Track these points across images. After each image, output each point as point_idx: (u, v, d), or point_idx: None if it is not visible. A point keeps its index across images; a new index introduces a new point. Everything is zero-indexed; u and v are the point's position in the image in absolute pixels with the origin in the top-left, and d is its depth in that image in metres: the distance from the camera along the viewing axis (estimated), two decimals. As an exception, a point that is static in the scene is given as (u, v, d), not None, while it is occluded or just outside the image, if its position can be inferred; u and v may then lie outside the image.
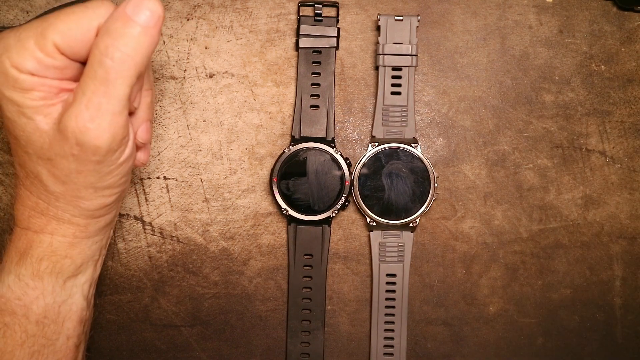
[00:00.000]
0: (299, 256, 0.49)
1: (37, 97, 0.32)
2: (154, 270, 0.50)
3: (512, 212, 0.50)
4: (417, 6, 0.50)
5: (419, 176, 0.48)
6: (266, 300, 0.50)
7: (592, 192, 0.50)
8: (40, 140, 0.32)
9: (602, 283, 0.51)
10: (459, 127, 0.50)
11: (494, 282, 0.51)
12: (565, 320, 0.51)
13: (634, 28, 0.50)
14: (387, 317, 0.50)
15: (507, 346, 0.51)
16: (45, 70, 0.31)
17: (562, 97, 0.50)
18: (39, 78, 0.31)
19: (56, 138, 0.32)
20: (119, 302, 0.50)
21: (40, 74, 0.31)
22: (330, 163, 0.48)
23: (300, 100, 0.48)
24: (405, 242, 0.49)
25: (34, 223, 0.36)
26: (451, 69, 0.50)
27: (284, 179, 0.48)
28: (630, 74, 0.50)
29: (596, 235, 0.50)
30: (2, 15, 0.49)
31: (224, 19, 0.49)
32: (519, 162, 0.50)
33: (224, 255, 0.50)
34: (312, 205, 0.48)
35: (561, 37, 0.50)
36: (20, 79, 0.31)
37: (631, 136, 0.50)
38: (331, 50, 0.49)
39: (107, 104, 0.31)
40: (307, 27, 0.48)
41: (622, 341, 0.51)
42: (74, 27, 0.31)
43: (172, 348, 0.50)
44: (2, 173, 0.49)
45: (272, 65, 0.50)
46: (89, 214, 0.36)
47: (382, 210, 0.48)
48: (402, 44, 0.48)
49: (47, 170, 0.34)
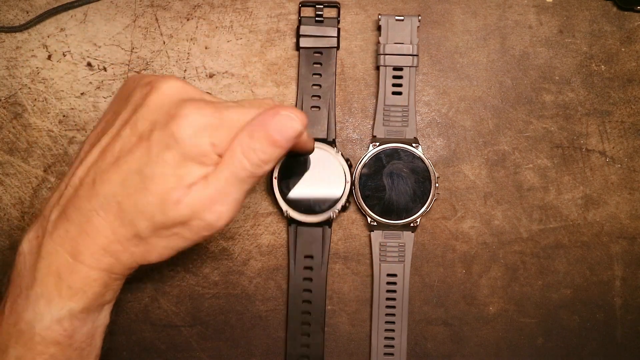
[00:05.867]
0: (299, 258, 0.49)
1: (203, 174, 0.34)
2: (154, 270, 0.50)
3: (512, 212, 0.50)
4: (417, 6, 0.50)
5: (419, 176, 0.48)
6: (266, 300, 0.50)
7: (592, 192, 0.50)
8: (170, 206, 0.34)
9: (602, 283, 0.51)
10: (459, 127, 0.50)
11: (494, 282, 0.51)
12: (565, 320, 0.51)
13: (634, 28, 0.50)
14: (387, 317, 0.50)
15: (507, 346, 0.51)
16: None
17: (562, 97, 0.50)
18: (219, 159, 0.34)
19: (183, 209, 0.34)
20: (119, 302, 0.50)
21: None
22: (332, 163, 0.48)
23: (301, 101, 0.48)
24: (406, 242, 0.49)
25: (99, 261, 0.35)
26: (451, 69, 0.50)
27: (285, 179, 0.48)
28: (630, 74, 0.50)
29: (596, 235, 0.50)
30: (2, 15, 0.49)
31: (224, 19, 0.49)
32: (519, 162, 0.50)
33: (224, 255, 0.50)
34: (312, 206, 0.48)
35: (561, 37, 0.50)
36: (209, 156, 0.34)
37: (631, 136, 0.50)
38: (332, 50, 0.49)
39: (235, 194, 0.35)
40: (307, 28, 0.48)
41: (622, 341, 0.51)
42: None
43: (172, 348, 0.50)
44: (2, 173, 0.49)
45: (272, 65, 0.50)
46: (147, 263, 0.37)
47: (383, 210, 0.48)
48: (403, 44, 0.48)
49: (152, 227, 0.35)
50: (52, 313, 0.35)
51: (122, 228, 0.35)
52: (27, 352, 0.36)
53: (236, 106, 0.34)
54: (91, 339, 0.38)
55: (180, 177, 0.33)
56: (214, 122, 0.33)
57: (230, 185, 0.34)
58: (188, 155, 0.33)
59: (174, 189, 0.33)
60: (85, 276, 0.35)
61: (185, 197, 0.34)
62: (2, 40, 0.49)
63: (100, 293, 0.36)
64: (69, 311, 0.36)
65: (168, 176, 0.33)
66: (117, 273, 0.37)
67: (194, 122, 0.33)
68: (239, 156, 0.34)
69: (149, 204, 0.34)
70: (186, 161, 0.33)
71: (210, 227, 0.35)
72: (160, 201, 0.34)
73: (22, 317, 0.36)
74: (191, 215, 0.34)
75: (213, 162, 0.34)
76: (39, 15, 0.48)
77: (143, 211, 0.34)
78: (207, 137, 0.33)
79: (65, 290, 0.35)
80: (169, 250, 0.36)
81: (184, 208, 0.34)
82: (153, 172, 0.33)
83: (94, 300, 0.36)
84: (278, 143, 0.34)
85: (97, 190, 0.34)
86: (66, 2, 0.49)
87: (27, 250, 0.37)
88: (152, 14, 0.49)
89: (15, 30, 0.48)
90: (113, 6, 0.49)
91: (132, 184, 0.34)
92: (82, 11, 0.49)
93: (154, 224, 0.34)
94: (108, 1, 0.49)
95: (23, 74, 0.49)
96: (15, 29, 0.48)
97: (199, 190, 0.34)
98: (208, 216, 0.34)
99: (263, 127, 0.34)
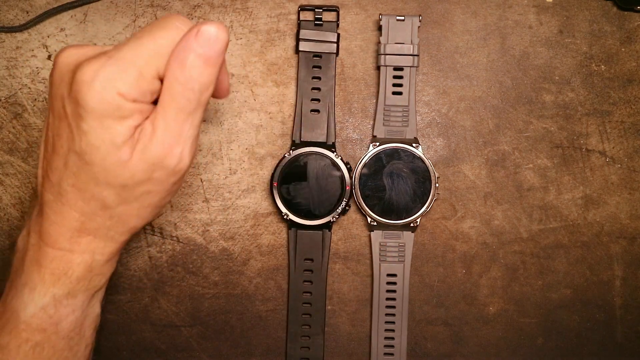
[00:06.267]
0: (299, 260, 0.49)
1: (131, 125, 0.32)
2: (153, 270, 0.50)
3: (512, 212, 0.50)
4: (417, 6, 0.50)
5: (420, 176, 0.48)
6: (266, 301, 0.50)
7: (592, 192, 0.50)
8: (118, 168, 0.33)
9: (602, 283, 0.51)
10: (459, 127, 0.50)
11: (494, 282, 0.51)
12: (565, 320, 0.51)
13: (634, 28, 0.50)
14: (387, 317, 0.50)
15: (507, 346, 0.51)
16: (143, 96, 0.32)
17: (562, 97, 0.50)
18: (138, 104, 0.32)
19: (137, 165, 0.33)
20: (119, 302, 0.50)
21: (139, 99, 0.32)
22: (331, 167, 0.48)
23: (300, 105, 0.48)
24: (406, 242, 0.49)
25: (76, 243, 0.35)
26: (451, 69, 0.50)
27: (285, 183, 0.48)
28: (630, 74, 0.50)
29: (596, 235, 0.50)
30: (2, 15, 0.49)
31: (224, 19, 0.49)
32: (519, 162, 0.50)
33: (224, 255, 0.50)
34: (312, 210, 0.48)
35: (561, 37, 0.50)
36: (124, 106, 0.32)
37: (631, 136, 0.50)
38: (331, 55, 0.49)
39: (189, 130, 0.33)
40: (307, 32, 0.48)
41: (622, 341, 0.51)
42: (169, 50, 0.32)
43: (172, 348, 0.50)
44: (2, 173, 0.49)
45: (272, 65, 0.50)
46: (133, 230, 0.37)
47: (383, 210, 0.48)
48: (403, 44, 0.48)
49: (115, 193, 0.34)
50: (36, 300, 0.36)
51: (87, 205, 0.34)
52: (13, 339, 0.36)
53: (127, 42, 0.32)
54: (80, 328, 0.37)
55: (108, 140, 0.32)
56: (112, 70, 0.31)
57: (182, 123, 0.33)
58: (101, 116, 0.31)
59: (110, 153, 0.32)
60: (66, 260, 0.35)
61: (132, 154, 0.33)
62: (2, 40, 0.49)
63: (84, 277, 0.36)
64: (52, 297, 0.36)
65: (97, 144, 0.32)
66: (101, 253, 0.36)
67: (91, 82, 0.31)
68: (180, 89, 0.32)
69: (99, 175, 0.33)
70: (103, 122, 0.32)
71: (175, 172, 0.34)
72: (107, 168, 0.33)
73: (9, 307, 0.36)
74: (151, 168, 0.33)
75: (133, 110, 0.32)
76: (39, 15, 0.48)
77: (97, 183, 0.33)
78: (110, 90, 0.31)
79: (48, 276, 0.35)
80: (147, 209, 0.36)
81: (137, 164, 0.33)
82: (81, 147, 0.32)
83: (78, 284, 0.36)
84: (212, 60, 0.32)
85: (51, 181, 0.34)
86: (66, 2, 0.49)
87: (21, 246, 0.37)
88: (152, 14, 0.49)
89: (15, 30, 0.48)
90: (113, 6, 0.49)
91: (73, 164, 0.33)
92: (82, 11, 0.49)
93: (115, 189, 0.34)
94: (108, 1, 0.49)
95: (23, 74, 0.49)
96: (15, 29, 0.48)
97: (147, 140, 0.33)
98: (170, 161, 0.33)
99: (192, 51, 0.32)
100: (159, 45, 0.32)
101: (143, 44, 0.32)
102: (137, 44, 0.32)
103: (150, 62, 0.32)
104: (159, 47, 0.32)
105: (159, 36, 0.32)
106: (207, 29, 0.31)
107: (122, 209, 0.35)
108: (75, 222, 0.35)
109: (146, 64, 0.32)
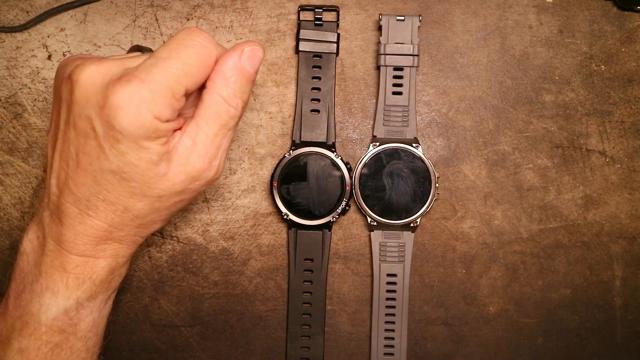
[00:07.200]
0: (299, 260, 0.49)
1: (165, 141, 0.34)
2: (153, 270, 0.50)
3: (512, 212, 0.50)
4: (417, 6, 0.50)
5: (420, 176, 0.48)
6: (266, 300, 0.50)
7: (592, 192, 0.50)
8: (158, 181, 0.34)
9: (602, 283, 0.51)
10: (459, 127, 0.50)
11: (494, 282, 0.51)
12: (565, 320, 0.51)
13: (634, 28, 0.50)
14: (387, 317, 0.50)
15: (507, 346, 0.51)
16: (174, 115, 0.34)
17: (562, 97, 0.50)
18: (170, 123, 0.34)
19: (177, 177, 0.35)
20: (119, 302, 0.50)
21: (171, 118, 0.34)
22: (331, 168, 0.48)
23: (300, 105, 0.48)
24: (406, 242, 0.49)
25: (102, 250, 0.36)
26: (451, 69, 0.50)
27: (285, 183, 0.48)
28: (630, 74, 0.50)
29: (596, 235, 0.50)
30: (2, 15, 0.49)
31: (224, 19, 0.49)
32: (519, 162, 0.50)
33: (224, 255, 0.50)
34: (312, 210, 0.48)
35: (561, 37, 0.50)
36: (159, 127, 0.33)
37: (631, 136, 0.50)
38: (331, 55, 0.49)
39: (226, 144, 0.36)
40: (307, 32, 0.48)
41: (622, 341, 0.51)
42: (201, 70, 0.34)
43: (172, 348, 0.50)
44: (2, 173, 0.49)
45: (272, 65, 0.50)
46: (150, 233, 0.38)
47: (383, 210, 0.48)
48: (403, 44, 0.48)
49: (149, 204, 0.35)
50: (59, 304, 0.36)
51: (118, 217, 0.35)
52: (32, 342, 0.36)
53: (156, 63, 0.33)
54: (97, 328, 0.38)
55: (146, 158, 0.33)
56: (146, 95, 0.32)
57: (222, 138, 0.35)
58: (138, 138, 0.33)
59: (149, 169, 0.34)
60: (91, 265, 0.36)
61: (169, 167, 0.34)
62: (2, 40, 0.49)
63: (107, 279, 0.37)
64: (76, 300, 0.36)
65: (136, 163, 0.33)
66: (124, 256, 0.37)
67: (127, 107, 0.32)
68: (225, 107, 0.34)
69: (136, 188, 0.34)
70: (140, 144, 0.33)
71: (209, 182, 0.36)
72: (146, 182, 0.34)
73: (27, 310, 0.36)
74: (189, 180, 0.35)
75: (167, 129, 0.33)
76: (39, 15, 0.48)
77: (133, 195, 0.34)
78: (146, 115, 0.32)
79: (72, 281, 0.36)
80: (172, 215, 0.37)
81: (178, 176, 0.34)
82: (119, 166, 0.33)
83: (101, 286, 0.37)
84: (252, 77, 0.35)
85: (76, 195, 0.35)
86: (66, 2, 0.49)
87: (29, 250, 0.37)
88: (152, 14, 0.49)
89: (15, 30, 0.48)
90: (113, 6, 0.49)
91: (107, 181, 0.34)
92: (82, 11, 0.49)
93: (150, 200, 0.35)
94: (108, 1, 0.49)
95: (23, 74, 0.49)
96: (15, 29, 0.48)
97: (188, 153, 0.34)
98: (208, 174, 0.35)
99: (236, 70, 0.34)
100: (186, 64, 0.33)
101: (172, 65, 0.33)
102: (166, 65, 0.33)
103: (179, 82, 0.33)
104: (186, 66, 0.33)
105: (185, 55, 0.33)
106: (249, 48, 0.34)
107: (152, 217, 0.36)
108: (103, 232, 0.36)
109: (176, 84, 0.33)
